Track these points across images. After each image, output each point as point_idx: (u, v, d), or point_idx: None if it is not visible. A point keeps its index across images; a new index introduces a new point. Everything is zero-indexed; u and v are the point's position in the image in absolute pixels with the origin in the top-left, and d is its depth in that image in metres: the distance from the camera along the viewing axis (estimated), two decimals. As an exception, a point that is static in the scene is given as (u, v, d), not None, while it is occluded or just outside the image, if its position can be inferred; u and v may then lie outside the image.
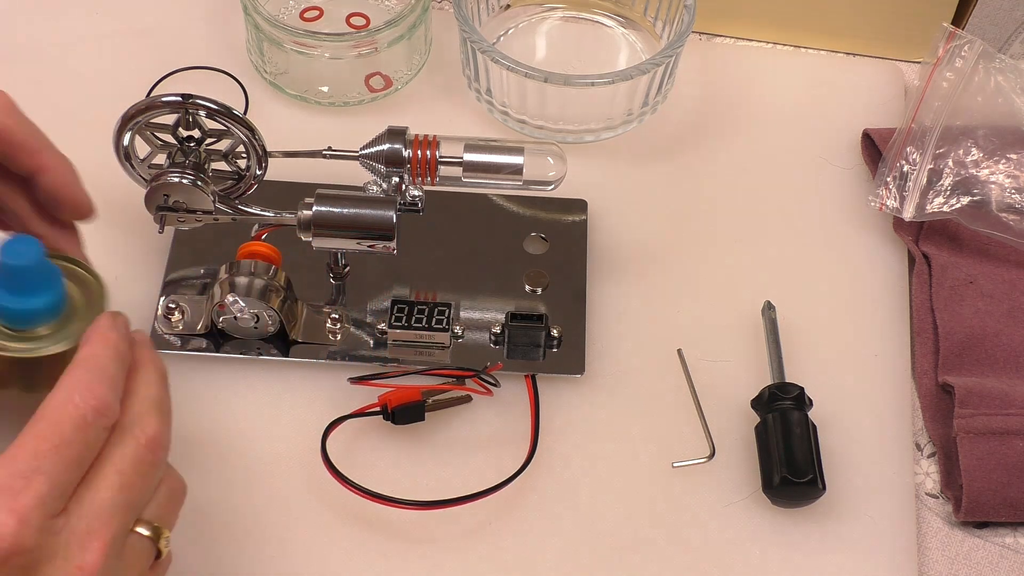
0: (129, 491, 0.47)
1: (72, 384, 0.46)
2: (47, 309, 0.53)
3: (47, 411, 0.46)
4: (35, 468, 0.44)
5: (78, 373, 0.47)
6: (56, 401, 0.46)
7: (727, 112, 0.76)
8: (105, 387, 0.47)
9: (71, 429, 0.45)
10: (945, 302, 0.67)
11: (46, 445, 0.44)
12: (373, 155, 0.63)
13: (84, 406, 0.46)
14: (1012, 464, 0.60)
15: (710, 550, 0.59)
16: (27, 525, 0.43)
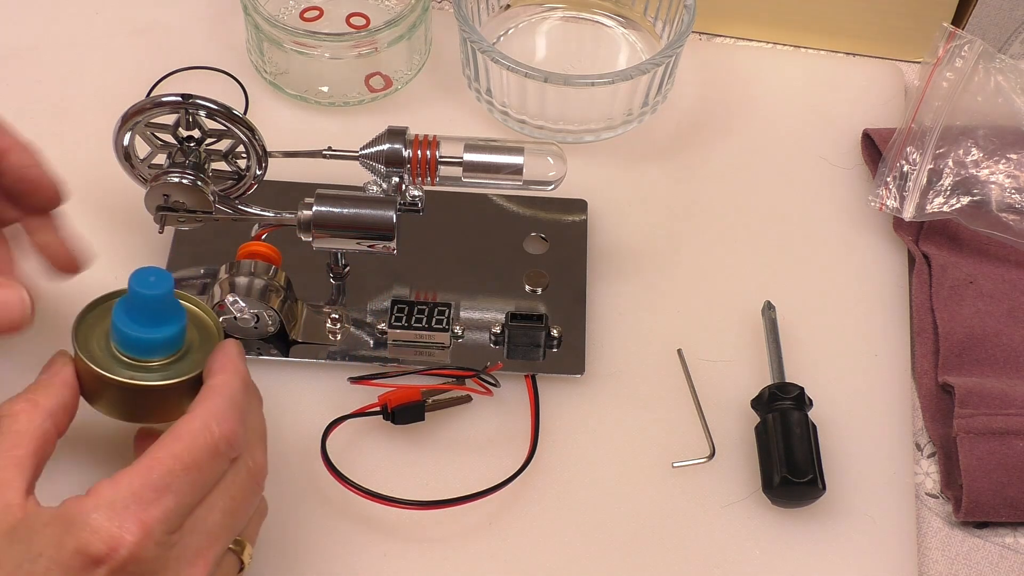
0: (235, 516, 0.49)
1: (211, 412, 0.48)
2: (168, 342, 0.52)
3: (186, 433, 0.47)
4: (167, 485, 0.46)
5: (217, 401, 0.49)
6: (196, 426, 0.48)
7: (727, 112, 0.76)
8: (237, 419, 0.49)
9: (206, 456, 0.47)
10: (945, 302, 0.67)
11: (180, 466, 0.46)
12: (373, 155, 0.63)
13: (220, 436, 0.48)
14: (1012, 464, 0.60)
15: (710, 550, 0.59)
16: (149, 537, 0.45)
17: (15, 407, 0.49)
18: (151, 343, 0.52)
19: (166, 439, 0.47)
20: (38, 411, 0.49)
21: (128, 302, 0.51)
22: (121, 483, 0.46)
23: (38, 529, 0.45)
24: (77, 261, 0.60)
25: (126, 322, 0.51)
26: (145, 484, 0.46)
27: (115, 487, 0.46)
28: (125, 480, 0.46)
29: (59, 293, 0.66)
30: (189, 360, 0.53)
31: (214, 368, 0.51)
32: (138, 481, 0.46)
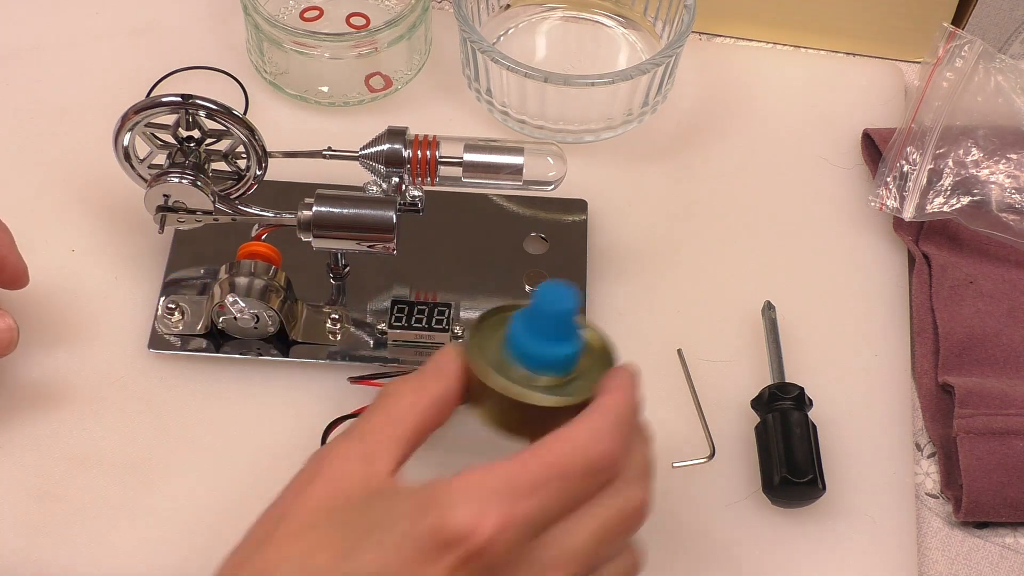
0: (598, 545, 0.47)
1: (595, 428, 0.47)
2: (563, 361, 0.50)
3: (566, 442, 0.46)
4: (536, 488, 0.44)
5: (603, 419, 0.47)
6: (580, 439, 0.46)
7: (727, 112, 0.76)
8: (619, 443, 0.47)
9: (581, 471, 0.46)
10: (945, 302, 0.67)
11: (554, 472, 0.45)
12: (373, 155, 0.63)
13: (599, 456, 0.46)
14: (1012, 464, 0.60)
15: (710, 550, 0.59)
16: (506, 533, 0.43)
17: (402, 387, 0.49)
18: (547, 359, 0.49)
19: (544, 444, 0.46)
20: (423, 396, 0.49)
21: (531, 315, 0.49)
22: (491, 473, 0.45)
23: (398, 501, 0.45)
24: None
25: (525, 334, 0.49)
26: (515, 480, 0.44)
27: (484, 475, 0.45)
28: (495, 471, 0.45)
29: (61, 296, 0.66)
30: (576, 386, 0.51)
31: (606, 387, 0.49)
32: (508, 475, 0.45)
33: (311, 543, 0.45)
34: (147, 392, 0.63)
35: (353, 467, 0.47)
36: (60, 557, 0.58)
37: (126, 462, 0.61)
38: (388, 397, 0.49)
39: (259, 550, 0.46)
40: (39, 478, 0.60)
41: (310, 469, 0.48)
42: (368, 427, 0.48)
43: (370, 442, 0.47)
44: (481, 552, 0.43)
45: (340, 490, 0.46)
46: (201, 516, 0.59)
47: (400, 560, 0.43)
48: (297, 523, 0.45)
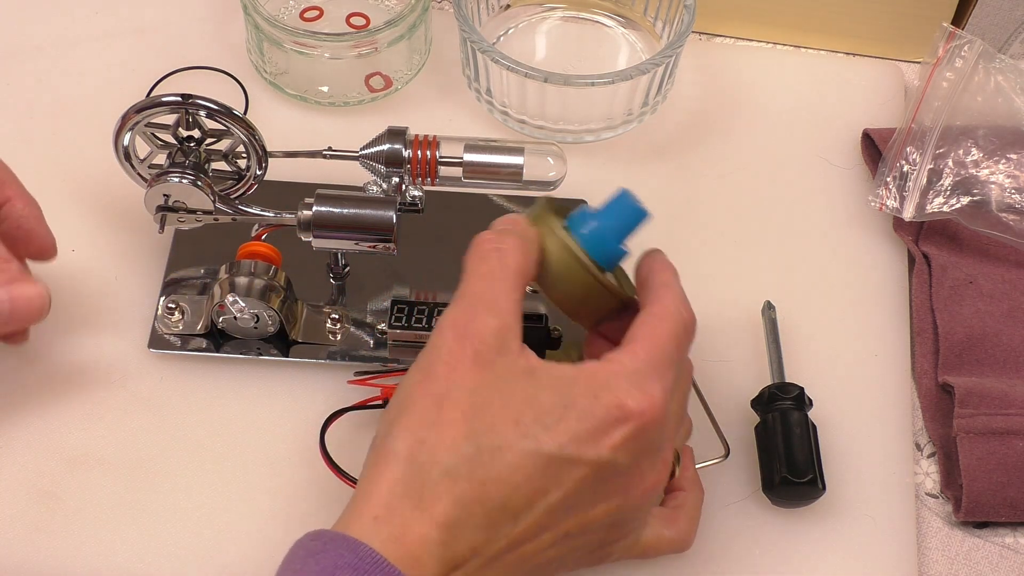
0: (684, 410, 0.54)
1: (679, 295, 0.53)
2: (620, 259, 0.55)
3: (670, 316, 0.51)
4: (671, 360, 0.50)
5: (677, 287, 0.53)
6: (673, 309, 0.51)
7: (727, 112, 0.76)
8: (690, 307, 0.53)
9: (684, 336, 0.51)
10: (945, 302, 0.67)
11: (674, 344, 0.51)
12: (373, 155, 0.63)
13: (691, 320, 0.52)
14: (1012, 464, 0.60)
15: (710, 550, 0.59)
16: (666, 403, 0.49)
17: (506, 242, 0.52)
18: (617, 254, 0.54)
19: (653, 321, 0.51)
20: (528, 253, 0.52)
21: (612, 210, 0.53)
22: (639, 355, 0.49)
23: (568, 381, 0.49)
24: None
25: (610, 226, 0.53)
26: (657, 357, 0.49)
27: (634, 358, 0.49)
28: (641, 353, 0.49)
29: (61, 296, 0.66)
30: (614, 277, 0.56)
31: (655, 268, 0.54)
32: (653, 355, 0.49)
33: (483, 424, 0.48)
34: (147, 392, 0.63)
35: (496, 343, 0.49)
36: (60, 557, 0.58)
37: (126, 462, 0.61)
38: (499, 252, 0.51)
39: (431, 431, 0.48)
40: (39, 478, 0.60)
41: (452, 342, 0.49)
42: (493, 296, 0.50)
43: (501, 313, 0.50)
44: (651, 424, 0.49)
45: (493, 370, 0.49)
46: (201, 516, 0.59)
47: (578, 438, 0.48)
48: (462, 407, 0.48)
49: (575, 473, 0.48)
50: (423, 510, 0.47)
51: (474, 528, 0.47)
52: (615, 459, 0.48)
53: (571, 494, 0.48)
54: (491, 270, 0.51)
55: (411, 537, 0.46)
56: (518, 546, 0.48)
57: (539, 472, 0.47)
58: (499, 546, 0.47)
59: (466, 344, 0.49)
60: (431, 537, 0.46)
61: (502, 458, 0.47)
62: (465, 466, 0.47)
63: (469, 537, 0.47)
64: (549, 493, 0.48)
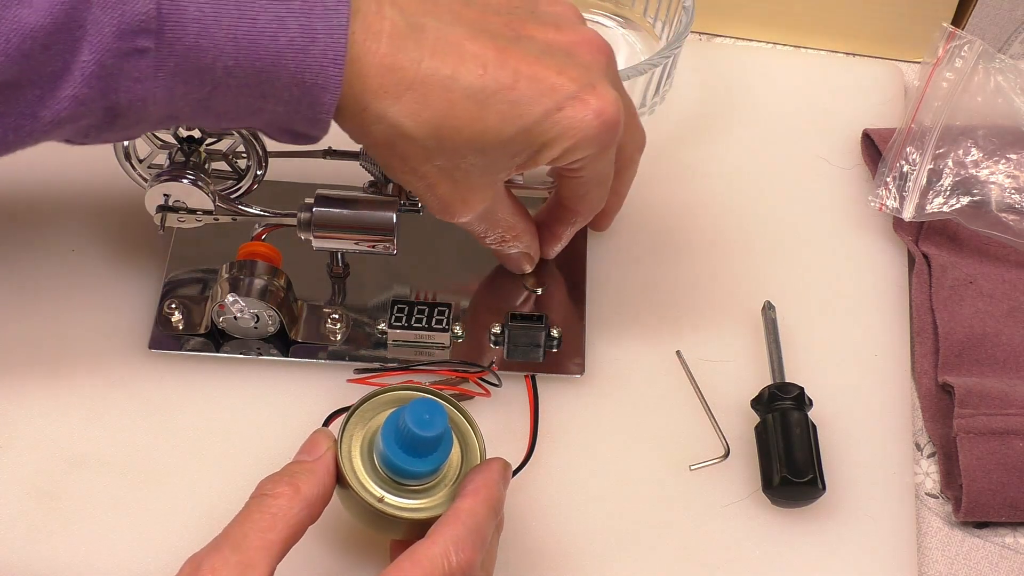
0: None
1: (452, 539, 0.48)
2: (429, 473, 0.52)
3: (426, 560, 0.47)
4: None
5: (459, 528, 0.49)
6: (436, 552, 0.48)
7: (727, 112, 0.76)
8: (477, 548, 0.49)
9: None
10: (945, 302, 0.67)
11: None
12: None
13: (456, 565, 0.48)
14: (1012, 464, 0.60)
15: (710, 550, 0.59)
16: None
17: (277, 489, 0.49)
18: (413, 473, 0.51)
19: (405, 563, 0.47)
20: (298, 498, 0.49)
21: (400, 431, 0.50)
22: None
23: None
24: None
25: (394, 449, 0.50)
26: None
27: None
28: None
29: (61, 296, 0.66)
30: (444, 487, 0.52)
31: (467, 490, 0.51)
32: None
33: None
34: (147, 392, 0.63)
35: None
36: (60, 557, 0.58)
37: (126, 462, 0.61)
38: (262, 499, 0.49)
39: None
40: (39, 478, 0.60)
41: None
42: (243, 534, 0.48)
43: (246, 550, 0.47)
44: None
45: None
46: (201, 516, 0.59)
47: None
48: None
49: None
50: None
51: None
52: None
53: None
54: (249, 514, 0.49)
55: None
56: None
57: None
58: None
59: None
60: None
61: None
62: None
63: None
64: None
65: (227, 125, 0.55)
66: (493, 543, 0.52)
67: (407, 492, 0.52)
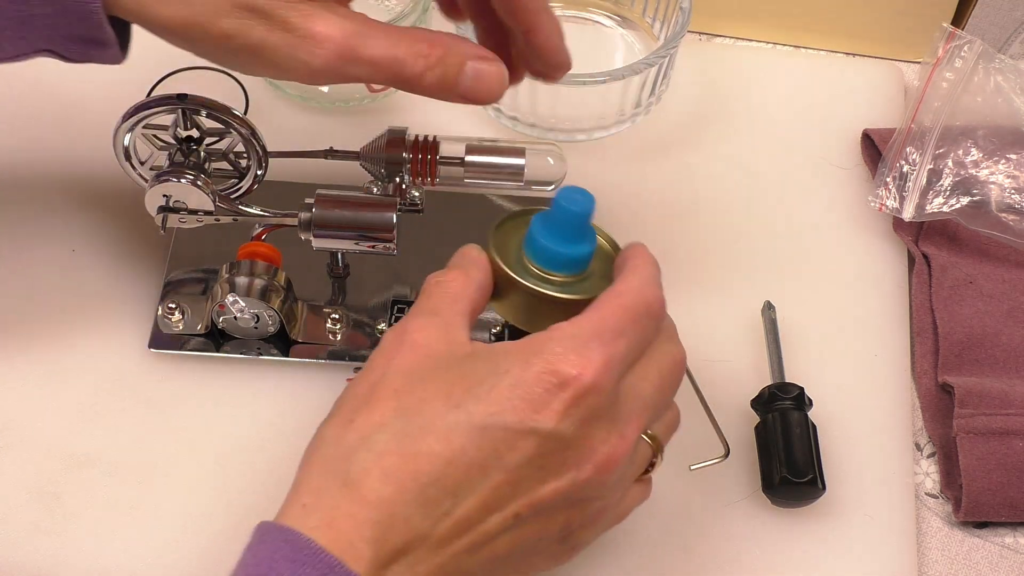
0: (661, 393, 0.50)
1: (643, 277, 0.50)
2: (577, 260, 0.53)
3: (627, 291, 0.49)
4: (621, 330, 0.47)
5: (648, 270, 0.51)
6: (634, 285, 0.49)
7: (727, 112, 0.76)
8: (661, 292, 0.50)
9: (643, 313, 0.49)
10: (945, 302, 0.67)
11: (628, 316, 0.48)
12: (373, 156, 0.63)
13: (654, 298, 0.49)
14: (1012, 464, 0.60)
15: (710, 550, 0.59)
16: (610, 370, 0.46)
17: (447, 276, 0.51)
18: (563, 258, 0.52)
19: (609, 296, 0.49)
20: (470, 280, 0.51)
21: (549, 216, 0.52)
22: (581, 323, 0.47)
23: (499, 355, 0.47)
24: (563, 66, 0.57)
25: (544, 234, 0.52)
26: (602, 326, 0.47)
27: (576, 326, 0.47)
28: (585, 323, 0.47)
29: (61, 296, 0.66)
30: (589, 283, 0.53)
31: (628, 255, 0.52)
32: (596, 324, 0.47)
33: (417, 400, 0.46)
34: (147, 392, 0.63)
35: (436, 335, 0.48)
36: (60, 557, 0.58)
37: (126, 462, 0.61)
38: (440, 284, 0.51)
39: (359, 412, 0.47)
40: (39, 478, 0.60)
41: (391, 341, 0.49)
42: (434, 305, 0.50)
43: (445, 314, 0.49)
44: (591, 390, 0.46)
45: (430, 356, 0.48)
46: (201, 516, 0.59)
47: (511, 405, 0.45)
48: (394, 386, 0.47)
49: (515, 445, 0.45)
50: (351, 489, 0.45)
51: (409, 506, 0.44)
52: (557, 429, 0.46)
53: (513, 469, 0.45)
54: (430, 296, 0.51)
55: (341, 520, 0.44)
56: (465, 531, 0.45)
57: (473, 444, 0.45)
58: (442, 529, 0.45)
59: (404, 339, 0.49)
60: (362, 517, 0.44)
61: (432, 430, 0.45)
62: (393, 440, 0.45)
63: (405, 517, 0.44)
64: (488, 468, 0.45)
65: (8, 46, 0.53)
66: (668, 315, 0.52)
67: (554, 285, 0.53)
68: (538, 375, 0.46)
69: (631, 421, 0.48)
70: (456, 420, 0.45)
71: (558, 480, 0.47)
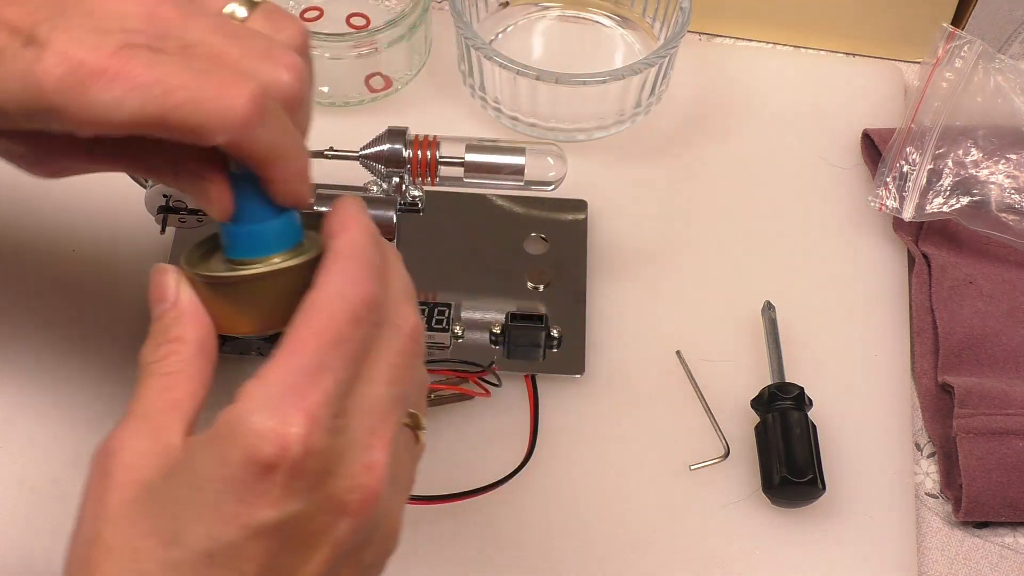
0: (400, 384, 0.43)
1: (341, 276, 0.42)
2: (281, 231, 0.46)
3: (320, 306, 0.41)
4: (320, 365, 0.40)
5: (344, 264, 0.42)
6: (330, 293, 0.42)
7: (727, 112, 0.76)
8: (372, 278, 0.43)
9: (348, 325, 0.41)
10: (945, 302, 0.67)
11: (325, 341, 0.41)
12: (373, 155, 0.63)
13: (356, 300, 0.42)
14: (1012, 464, 0.60)
15: (710, 550, 0.59)
16: (317, 425, 0.40)
17: (157, 352, 0.44)
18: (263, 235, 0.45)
19: (301, 318, 0.41)
20: (183, 348, 0.44)
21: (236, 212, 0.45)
22: (270, 377, 0.40)
23: (196, 456, 0.41)
24: None
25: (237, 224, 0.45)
26: (295, 371, 0.40)
27: (264, 383, 0.40)
28: (273, 373, 0.40)
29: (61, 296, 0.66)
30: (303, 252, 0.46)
31: (334, 229, 0.44)
32: (287, 370, 0.40)
33: (131, 550, 0.41)
34: (147, 392, 0.63)
35: (145, 450, 0.42)
36: (59, 556, 0.58)
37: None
38: (149, 368, 0.44)
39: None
40: (39, 478, 0.60)
41: (97, 472, 0.43)
42: (144, 405, 0.43)
43: (155, 417, 0.43)
44: (304, 459, 0.39)
45: (140, 483, 0.41)
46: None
47: (226, 517, 0.39)
48: (107, 544, 0.41)
49: (250, 554, 0.40)
50: None
51: None
52: (285, 513, 0.40)
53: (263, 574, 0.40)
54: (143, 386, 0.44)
55: None
56: None
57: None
58: None
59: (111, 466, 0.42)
60: None
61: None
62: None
63: None
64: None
65: None
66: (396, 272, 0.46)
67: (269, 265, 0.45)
68: (239, 469, 0.39)
69: (373, 445, 0.42)
70: (178, 559, 0.39)
71: (318, 552, 0.41)
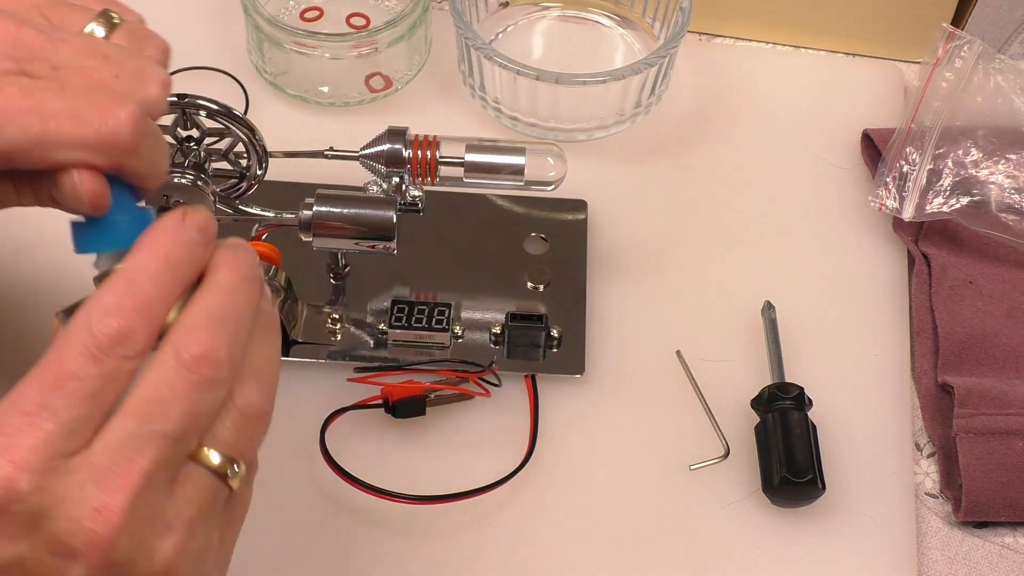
0: (163, 420, 0.39)
1: (93, 307, 0.39)
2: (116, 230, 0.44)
3: (59, 339, 0.39)
4: (40, 405, 0.38)
5: (104, 293, 0.39)
6: (71, 327, 0.39)
7: (727, 112, 0.76)
8: (134, 310, 0.39)
9: (81, 361, 0.38)
10: (945, 302, 0.67)
11: (51, 379, 0.38)
12: (373, 155, 0.63)
13: (99, 334, 0.38)
14: (1012, 464, 0.60)
15: (710, 550, 0.59)
16: (25, 469, 0.37)
17: None
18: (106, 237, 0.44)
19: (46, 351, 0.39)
20: None
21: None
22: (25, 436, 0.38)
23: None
24: None
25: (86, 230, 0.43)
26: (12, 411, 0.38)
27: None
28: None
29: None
30: None
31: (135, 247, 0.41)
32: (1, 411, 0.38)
33: None
34: (147, 392, 0.63)
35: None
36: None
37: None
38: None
39: None
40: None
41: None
42: None
43: None
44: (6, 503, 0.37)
45: None
46: (201, 516, 0.59)
47: None
48: None
49: None
50: None
51: None
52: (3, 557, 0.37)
53: None
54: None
55: None
56: None
57: None
58: None
59: None
60: None
61: None
62: None
63: None
64: None
65: None
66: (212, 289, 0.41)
67: None
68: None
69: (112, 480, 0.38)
70: None
71: None
